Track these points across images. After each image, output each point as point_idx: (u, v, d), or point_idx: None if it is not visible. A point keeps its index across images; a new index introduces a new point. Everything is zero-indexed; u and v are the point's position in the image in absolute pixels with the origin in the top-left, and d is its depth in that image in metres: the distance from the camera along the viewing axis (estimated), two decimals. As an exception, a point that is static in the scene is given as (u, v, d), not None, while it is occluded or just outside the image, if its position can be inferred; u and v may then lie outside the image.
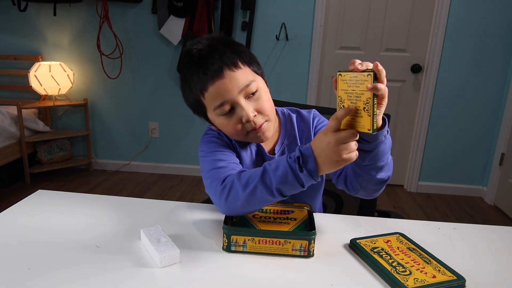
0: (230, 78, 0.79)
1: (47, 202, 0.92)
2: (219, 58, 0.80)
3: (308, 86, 2.80)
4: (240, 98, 0.81)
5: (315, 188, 0.97)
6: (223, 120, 0.84)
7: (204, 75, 0.80)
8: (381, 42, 2.72)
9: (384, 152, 0.75)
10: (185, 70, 0.85)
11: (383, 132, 0.72)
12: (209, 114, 0.86)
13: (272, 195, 0.72)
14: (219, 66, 0.79)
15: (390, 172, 0.80)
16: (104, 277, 0.63)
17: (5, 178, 2.68)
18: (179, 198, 2.63)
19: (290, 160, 0.70)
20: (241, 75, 0.81)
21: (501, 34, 2.57)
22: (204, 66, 0.80)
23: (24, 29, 2.88)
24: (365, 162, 0.75)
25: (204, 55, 0.80)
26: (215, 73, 0.79)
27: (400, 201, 2.72)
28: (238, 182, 0.75)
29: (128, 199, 0.95)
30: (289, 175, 0.70)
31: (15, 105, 2.63)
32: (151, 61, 2.89)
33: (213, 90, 0.80)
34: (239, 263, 0.69)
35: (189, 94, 0.86)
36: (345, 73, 0.66)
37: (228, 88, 0.79)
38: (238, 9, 2.71)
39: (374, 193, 0.83)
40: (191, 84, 0.83)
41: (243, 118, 0.81)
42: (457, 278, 0.64)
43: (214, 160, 0.83)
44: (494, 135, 2.73)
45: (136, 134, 3.06)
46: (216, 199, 0.78)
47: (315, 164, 0.68)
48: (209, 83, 0.80)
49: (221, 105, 0.81)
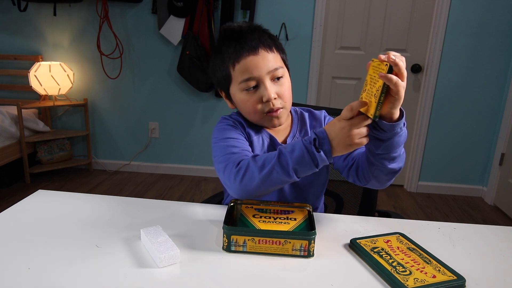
0: (262, 57, 0.86)
1: (47, 202, 0.92)
2: (257, 38, 0.87)
3: (308, 86, 2.80)
4: (266, 78, 0.86)
5: (320, 186, 1.00)
6: (245, 96, 0.88)
7: (240, 48, 0.86)
8: (381, 42, 2.72)
9: (398, 144, 0.76)
10: (220, 43, 0.90)
11: (399, 124, 0.73)
12: (232, 88, 0.90)
13: (288, 176, 0.75)
14: (256, 44, 0.86)
15: (402, 164, 0.82)
16: (104, 277, 0.63)
17: (5, 178, 2.68)
18: (179, 198, 2.63)
19: (306, 142, 0.74)
20: (272, 58, 0.87)
21: (501, 34, 2.57)
22: (242, 41, 0.86)
23: (24, 29, 2.88)
24: (379, 151, 0.77)
25: (245, 31, 0.88)
26: (251, 48, 0.85)
27: (400, 201, 2.72)
28: (254, 164, 0.78)
29: (128, 199, 0.95)
30: (305, 156, 0.73)
31: (15, 105, 2.63)
32: (151, 61, 2.89)
33: (245, 64, 0.86)
34: (239, 263, 0.69)
35: (220, 66, 0.90)
36: (376, 60, 0.69)
37: (259, 65, 0.85)
38: (238, 9, 2.71)
39: (385, 183, 0.85)
40: (224, 56, 0.88)
41: (264, 97, 0.86)
42: (457, 278, 0.64)
43: (227, 146, 0.87)
44: (494, 135, 2.73)
45: (136, 134, 3.06)
46: (230, 182, 0.80)
47: (330, 146, 0.73)
48: (243, 56, 0.86)
49: (248, 80, 0.86)
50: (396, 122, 0.72)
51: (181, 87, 2.91)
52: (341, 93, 2.83)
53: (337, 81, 2.83)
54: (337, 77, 2.82)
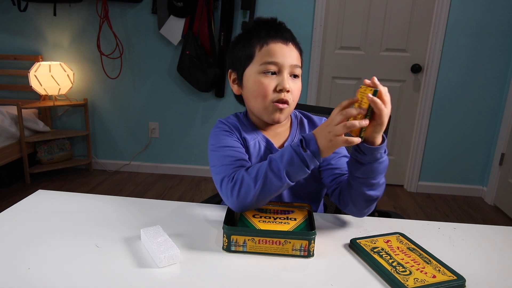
0: (290, 50, 0.90)
1: (47, 202, 0.92)
2: (290, 34, 0.92)
3: (308, 86, 2.80)
4: (287, 70, 0.88)
5: (318, 192, 1.01)
6: (262, 77, 0.88)
7: (274, 33, 0.89)
8: (381, 42, 2.72)
9: (378, 171, 0.78)
10: (250, 26, 0.93)
11: (380, 149, 0.75)
12: (251, 68, 0.90)
13: (281, 180, 0.76)
14: (289, 37, 0.91)
15: (380, 193, 0.83)
16: (104, 277, 0.63)
17: (5, 178, 2.68)
18: (179, 198, 2.63)
19: (294, 145, 0.76)
20: (297, 56, 0.91)
21: (501, 34, 2.57)
22: (276, 28, 0.90)
23: (24, 29, 2.88)
24: (358, 174, 0.79)
25: (280, 24, 0.92)
26: (283, 38, 0.89)
27: (400, 201, 2.72)
28: (248, 176, 0.78)
29: (128, 199, 0.95)
30: (294, 158, 0.74)
31: (15, 105, 2.63)
32: (151, 61, 2.89)
33: (274, 48, 0.88)
34: (239, 263, 0.69)
35: (245, 45, 0.91)
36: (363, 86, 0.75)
37: (285, 54, 0.88)
38: (238, 9, 2.71)
39: (362, 210, 0.84)
40: (253, 36, 0.90)
41: (280, 85, 0.87)
42: (457, 278, 0.64)
43: (224, 156, 0.87)
44: (494, 135, 2.73)
45: (136, 134, 3.06)
46: (227, 197, 0.81)
47: (317, 146, 0.74)
48: (274, 41, 0.88)
49: (270, 63, 0.87)
50: (376, 147, 0.74)
51: (181, 87, 2.91)
52: (341, 93, 2.83)
53: (337, 81, 2.83)
54: (337, 77, 2.82)
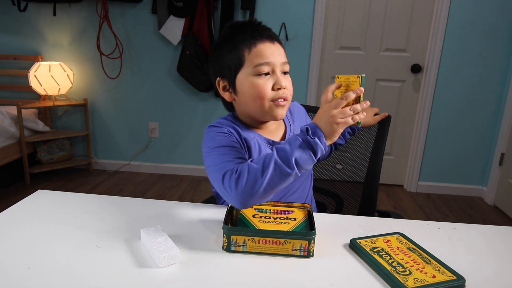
0: (277, 48, 0.90)
1: (47, 202, 0.92)
2: (272, 32, 0.92)
3: (308, 86, 2.80)
4: (279, 68, 0.89)
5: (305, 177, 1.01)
6: (257, 79, 0.88)
7: (258, 35, 0.89)
8: (381, 42, 2.72)
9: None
10: (233, 29, 0.92)
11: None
12: (243, 72, 0.89)
13: (290, 168, 0.73)
14: (273, 35, 0.91)
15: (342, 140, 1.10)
16: (104, 277, 0.63)
17: (5, 178, 2.68)
18: (179, 198, 2.63)
19: (300, 134, 0.75)
20: (283, 53, 0.92)
21: (501, 34, 2.57)
22: (260, 30, 0.90)
23: (24, 29, 2.88)
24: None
25: (259, 24, 0.92)
26: (268, 37, 0.89)
27: (400, 201, 2.72)
28: (254, 166, 0.74)
29: (128, 199, 0.95)
30: (303, 146, 0.74)
31: (15, 105, 2.63)
32: (151, 61, 2.89)
33: (262, 49, 0.88)
34: (239, 263, 0.69)
35: (231, 50, 0.90)
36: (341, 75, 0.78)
37: (275, 53, 0.89)
38: (238, 9, 2.71)
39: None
40: (238, 40, 0.89)
41: (276, 84, 0.88)
42: (457, 278, 0.64)
43: (222, 154, 0.83)
44: (494, 135, 2.73)
45: (136, 134, 3.06)
46: (230, 190, 0.75)
47: (322, 132, 0.75)
48: (261, 42, 0.88)
49: (263, 64, 0.87)
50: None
51: (181, 87, 2.91)
52: (341, 93, 2.83)
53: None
54: (337, 77, 2.82)
